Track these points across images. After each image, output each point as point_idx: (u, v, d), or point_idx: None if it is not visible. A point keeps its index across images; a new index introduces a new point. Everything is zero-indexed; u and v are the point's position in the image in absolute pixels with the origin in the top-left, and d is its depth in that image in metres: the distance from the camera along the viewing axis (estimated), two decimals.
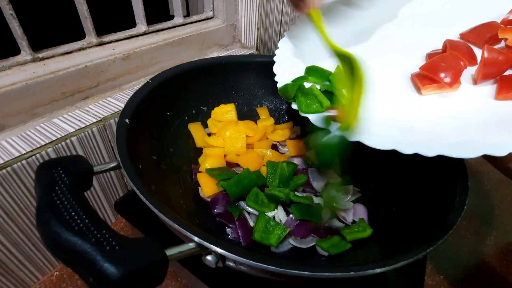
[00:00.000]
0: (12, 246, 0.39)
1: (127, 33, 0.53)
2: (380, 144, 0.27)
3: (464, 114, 0.30)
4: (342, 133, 0.30)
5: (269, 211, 0.39)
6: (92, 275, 0.19)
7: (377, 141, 0.28)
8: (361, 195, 0.44)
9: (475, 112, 0.29)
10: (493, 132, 0.26)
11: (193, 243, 0.24)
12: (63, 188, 0.22)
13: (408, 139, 0.28)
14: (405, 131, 0.29)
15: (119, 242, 0.20)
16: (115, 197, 0.51)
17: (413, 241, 0.30)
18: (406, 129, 0.29)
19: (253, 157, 0.46)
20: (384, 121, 0.31)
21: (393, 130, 0.29)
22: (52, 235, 0.20)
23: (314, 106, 0.34)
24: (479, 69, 0.31)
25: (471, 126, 0.28)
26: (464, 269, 0.49)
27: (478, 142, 0.25)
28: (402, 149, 0.26)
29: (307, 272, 0.23)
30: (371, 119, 0.30)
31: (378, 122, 0.31)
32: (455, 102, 0.31)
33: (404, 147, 0.26)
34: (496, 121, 0.27)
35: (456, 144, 0.26)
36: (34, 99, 0.42)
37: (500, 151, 0.23)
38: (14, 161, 0.36)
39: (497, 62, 0.29)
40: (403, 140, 0.27)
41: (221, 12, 0.67)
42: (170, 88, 0.45)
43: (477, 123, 0.28)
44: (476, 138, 0.26)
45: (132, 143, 0.34)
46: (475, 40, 0.35)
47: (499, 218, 0.58)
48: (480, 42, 0.35)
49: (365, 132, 0.29)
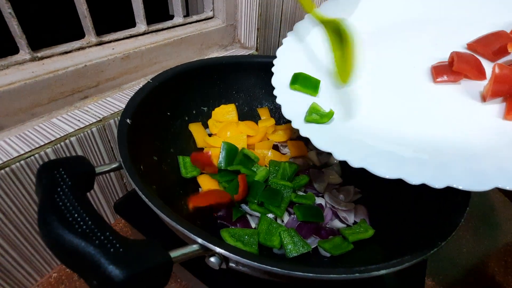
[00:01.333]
0: (10, 247, 0.38)
1: (126, 33, 0.52)
2: (386, 173, 0.25)
3: (471, 137, 0.28)
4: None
5: (280, 215, 0.39)
6: (96, 277, 0.18)
7: (383, 169, 0.26)
8: (362, 195, 0.44)
9: (484, 133, 0.28)
10: (505, 160, 0.24)
11: (196, 245, 0.24)
12: (65, 189, 0.22)
13: (414, 168, 0.26)
14: (411, 160, 0.27)
15: (123, 244, 0.19)
16: (114, 198, 0.51)
17: (415, 242, 0.30)
18: (412, 159, 0.27)
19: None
20: (388, 146, 0.29)
21: (398, 158, 0.27)
22: (55, 237, 0.19)
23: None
24: (489, 86, 0.30)
25: (481, 152, 0.26)
26: (463, 270, 0.50)
27: (490, 173, 0.23)
28: (409, 179, 0.24)
29: (311, 274, 0.23)
30: (374, 142, 0.29)
31: (382, 148, 0.29)
32: (462, 122, 0.29)
33: (411, 177, 0.24)
34: (505, 144, 0.26)
35: (466, 175, 0.24)
36: (33, 99, 0.41)
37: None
38: (12, 161, 0.35)
39: (508, 79, 0.28)
40: (409, 169, 0.25)
41: (221, 12, 0.67)
42: (170, 88, 0.45)
43: (487, 147, 0.26)
44: (487, 167, 0.24)
45: (133, 144, 0.33)
46: (483, 51, 0.33)
47: (498, 219, 0.59)
48: (488, 54, 0.33)
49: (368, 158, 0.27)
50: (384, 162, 0.26)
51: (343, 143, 0.29)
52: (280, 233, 0.36)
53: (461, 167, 0.25)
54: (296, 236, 0.35)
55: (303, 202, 0.40)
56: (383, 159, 0.27)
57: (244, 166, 0.42)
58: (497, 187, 0.22)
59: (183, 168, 0.43)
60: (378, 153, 0.28)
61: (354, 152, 0.27)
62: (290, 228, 0.37)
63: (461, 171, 0.24)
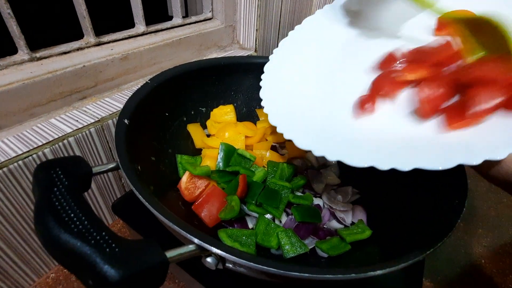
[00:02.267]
0: (7, 247, 0.38)
1: (125, 33, 0.52)
2: (358, 162, 0.27)
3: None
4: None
5: (278, 216, 0.39)
6: (92, 277, 0.18)
7: (356, 160, 0.27)
8: (360, 196, 0.44)
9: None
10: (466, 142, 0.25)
11: (193, 245, 0.24)
12: (62, 189, 0.22)
13: (383, 156, 0.27)
14: (379, 150, 0.28)
15: (119, 244, 0.19)
16: (112, 198, 0.51)
17: (412, 242, 0.30)
18: (380, 148, 0.28)
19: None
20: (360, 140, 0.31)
21: (369, 149, 0.29)
22: (51, 237, 0.19)
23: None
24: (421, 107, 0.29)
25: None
26: (461, 270, 0.50)
27: (450, 152, 0.25)
28: (379, 166, 0.26)
29: (308, 274, 0.23)
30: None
31: (355, 142, 0.31)
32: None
33: (380, 164, 0.26)
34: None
35: (430, 157, 0.25)
36: (31, 99, 0.41)
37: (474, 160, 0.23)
38: (10, 161, 0.35)
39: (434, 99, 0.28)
40: (378, 156, 0.27)
41: (220, 13, 0.67)
42: (169, 89, 0.45)
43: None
44: (448, 147, 0.25)
45: (131, 144, 0.33)
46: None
47: (496, 220, 0.59)
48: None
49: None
50: (356, 154, 0.28)
51: (321, 141, 0.31)
52: (278, 234, 0.36)
53: (425, 151, 0.26)
54: (293, 236, 0.35)
55: (301, 203, 0.40)
56: (355, 151, 0.28)
57: (242, 167, 0.42)
58: (460, 163, 0.23)
59: (181, 169, 0.43)
60: (352, 146, 0.30)
61: (330, 148, 0.29)
62: (287, 229, 0.37)
63: (425, 155, 0.26)
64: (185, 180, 0.40)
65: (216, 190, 0.39)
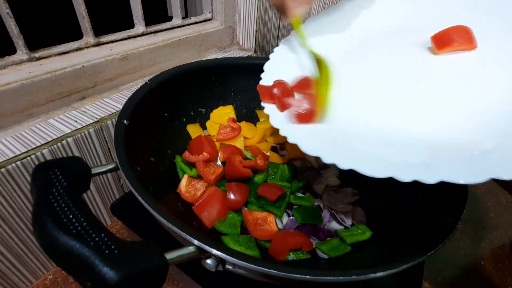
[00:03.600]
0: (5, 249, 0.38)
1: (125, 34, 0.52)
2: (375, 172, 0.24)
3: (455, 130, 0.28)
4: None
5: (279, 215, 0.39)
6: (90, 279, 0.18)
7: (372, 169, 0.25)
8: (360, 197, 0.44)
9: (467, 125, 0.27)
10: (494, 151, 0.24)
11: (192, 247, 0.23)
12: (60, 190, 0.22)
13: (403, 165, 0.25)
14: (400, 158, 0.26)
15: (118, 246, 0.19)
16: (111, 199, 0.51)
17: (412, 244, 0.30)
18: (400, 156, 0.26)
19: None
20: (375, 146, 0.29)
21: (386, 156, 0.27)
22: (49, 239, 0.19)
23: None
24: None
25: (468, 145, 0.26)
26: (461, 272, 0.50)
27: (482, 164, 0.23)
28: (399, 177, 0.23)
29: (308, 276, 0.22)
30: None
31: (370, 148, 0.29)
32: (445, 114, 0.30)
33: (401, 175, 0.23)
34: (490, 135, 0.25)
35: (458, 168, 0.23)
36: (30, 99, 0.41)
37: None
38: (8, 162, 0.35)
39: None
40: (398, 167, 0.24)
41: (219, 14, 0.67)
42: (168, 90, 0.45)
43: (472, 140, 0.26)
44: (478, 159, 0.23)
45: (130, 145, 0.33)
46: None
47: (494, 221, 0.59)
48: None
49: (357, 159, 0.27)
50: (372, 162, 0.26)
51: (330, 147, 0.29)
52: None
53: (451, 161, 0.24)
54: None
55: (301, 204, 0.40)
56: (371, 159, 0.26)
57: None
58: (491, 178, 0.22)
59: (180, 170, 0.43)
60: (366, 153, 0.27)
61: (342, 154, 0.27)
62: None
63: (451, 165, 0.24)
64: (185, 183, 0.40)
65: (217, 192, 0.39)
